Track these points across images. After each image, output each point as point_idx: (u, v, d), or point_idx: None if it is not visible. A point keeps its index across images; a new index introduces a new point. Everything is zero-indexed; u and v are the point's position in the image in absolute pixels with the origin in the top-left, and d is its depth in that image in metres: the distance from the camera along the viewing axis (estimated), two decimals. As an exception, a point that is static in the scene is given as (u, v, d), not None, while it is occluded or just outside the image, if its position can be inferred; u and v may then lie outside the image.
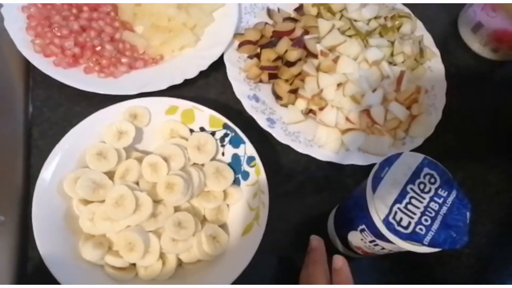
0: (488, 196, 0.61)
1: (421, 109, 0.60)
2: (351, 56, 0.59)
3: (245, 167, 0.50)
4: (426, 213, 0.37)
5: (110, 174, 0.47)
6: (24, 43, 0.53)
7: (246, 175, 0.50)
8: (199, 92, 0.58)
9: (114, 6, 0.59)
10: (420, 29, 0.69)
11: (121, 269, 0.44)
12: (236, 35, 0.61)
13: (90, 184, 0.45)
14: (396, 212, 0.37)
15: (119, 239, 0.44)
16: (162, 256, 0.45)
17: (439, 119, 0.61)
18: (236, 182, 0.50)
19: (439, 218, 0.37)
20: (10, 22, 0.53)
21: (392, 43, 0.63)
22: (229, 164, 0.51)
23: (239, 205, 0.49)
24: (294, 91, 0.58)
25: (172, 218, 0.45)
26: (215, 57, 0.58)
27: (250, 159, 0.50)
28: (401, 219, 0.37)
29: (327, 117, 0.56)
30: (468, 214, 0.38)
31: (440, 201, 0.38)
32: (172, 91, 0.54)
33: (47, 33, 0.53)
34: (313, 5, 0.65)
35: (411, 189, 0.38)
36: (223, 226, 0.48)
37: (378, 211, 0.37)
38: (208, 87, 0.59)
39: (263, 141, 0.55)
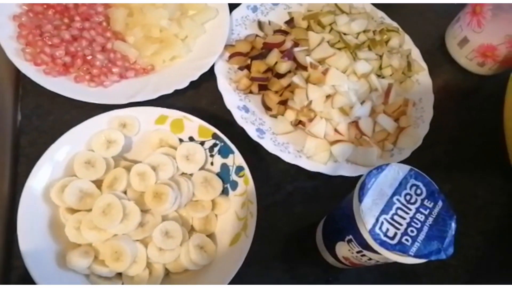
0: (475, 208, 0.61)
1: (409, 121, 0.61)
2: (340, 68, 0.60)
3: (233, 177, 0.50)
4: (412, 224, 0.38)
5: (98, 183, 0.47)
6: (15, 51, 0.53)
7: (234, 185, 0.50)
8: (189, 102, 0.59)
9: (106, 16, 0.59)
10: (408, 43, 0.70)
11: (107, 279, 0.44)
12: (227, 46, 0.62)
13: (77, 193, 0.45)
14: (382, 223, 0.37)
15: (105, 248, 0.43)
16: (148, 265, 0.45)
17: (426, 131, 0.62)
18: (224, 192, 0.50)
19: (425, 229, 0.38)
20: (1, 31, 0.53)
21: (381, 56, 0.64)
22: (217, 174, 0.51)
23: (227, 215, 0.49)
24: (283, 103, 0.58)
25: (160, 228, 0.45)
26: (205, 68, 0.58)
27: (239, 169, 0.50)
28: (387, 230, 0.37)
29: (316, 129, 0.56)
30: (453, 225, 0.38)
31: (426, 212, 0.39)
32: (163, 101, 0.55)
33: (38, 42, 0.54)
34: (303, 18, 0.66)
35: (398, 200, 0.39)
36: (211, 236, 0.48)
37: (364, 222, 0.37)
38: (198, 97, 0.60)
39: (253, 152, 0.55)
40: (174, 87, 0.56)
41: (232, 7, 0.65)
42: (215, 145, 0.51)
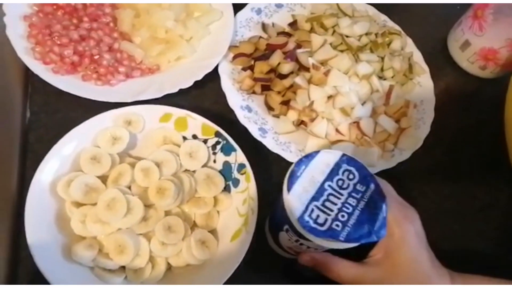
0: (474, 210, 0.61)
1: (410, 122, 0.62)
2: (342, 70, 0.60)
3: (235, 174, 0.51)
4: (344, 209, 0.37)
5: (103, 178, 0.48)
6: (25, 50, 0.54)
7: (236, 182, 0.51)
8: (193, 102, 0.60)
9: (114, 17, 0.61)
10: (410, 46, 0.71)
11: (111, 271, 0.45)
12: (231, 47, 0.63)
13: (83, 187, 0.46)
14: (312, 210, 0.37)
15: (109, 241, 0.45)
16: (151, 259, 0.46)
17: (427, 133, 0.62)
18: (226, 189, 0.51)
19: (356, 213, 0.37)
20: (12, 30, 0.54)
21: (382, 58, 0.65)
22: (220, 171, 0.52)
23: (229, 211, 0.50)
24: (286, 103, 0.59)
25: (162, 222, 0.46)
26: (210, 68, 0.59)
27: (241, 167, 0.51)
28: (317, 216, 0.37)
29: (317, 128, 0.57)
30: (384, 207, 0.38)
31: (358, 196, 0.38)
32: (167, 100, 0.56)
33: (47, 41, 0.55)
34: (307, 20, 0.67)
35: (329, 186, 0.38)
36: (213, 231, 0.49)
37: (293, 210, 0.37)
38: (202, 97, 0.61)
39: (255, 151, 0.56)
40: (179, 86, 0.57)
41: (237, 9, 0.66)
42: (217, 143, 0.52)
